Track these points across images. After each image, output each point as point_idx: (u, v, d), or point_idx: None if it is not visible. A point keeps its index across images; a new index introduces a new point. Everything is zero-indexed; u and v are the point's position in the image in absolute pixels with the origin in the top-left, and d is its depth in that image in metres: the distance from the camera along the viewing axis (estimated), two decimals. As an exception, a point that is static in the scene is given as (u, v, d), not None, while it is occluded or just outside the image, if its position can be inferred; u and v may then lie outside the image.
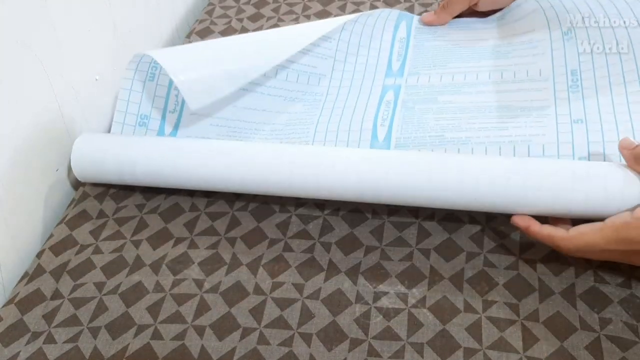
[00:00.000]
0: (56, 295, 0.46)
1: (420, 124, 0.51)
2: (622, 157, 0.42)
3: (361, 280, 0.44)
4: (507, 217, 0.44)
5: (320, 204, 0.50)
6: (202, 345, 0.41)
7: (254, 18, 0.72)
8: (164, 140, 0.51)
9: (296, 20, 0.71)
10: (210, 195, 0.52)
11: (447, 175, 0.43)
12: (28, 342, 0.43)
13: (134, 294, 0.45)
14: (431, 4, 0.71)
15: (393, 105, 0.53)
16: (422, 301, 0.43)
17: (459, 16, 0.64)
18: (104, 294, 0.45)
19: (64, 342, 0.42)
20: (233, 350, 0.41)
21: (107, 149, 0.51)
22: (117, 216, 0.51)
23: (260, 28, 0.70)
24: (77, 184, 0.56)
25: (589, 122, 0.47)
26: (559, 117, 0.48)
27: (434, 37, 0.60)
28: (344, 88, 0.57)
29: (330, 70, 0.57)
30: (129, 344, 0.42)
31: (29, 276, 0.47)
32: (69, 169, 0.56)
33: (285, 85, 0.56)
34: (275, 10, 0.73)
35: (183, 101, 0.54)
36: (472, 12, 0.64)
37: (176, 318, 0.43)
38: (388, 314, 0.42)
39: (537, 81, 0.52)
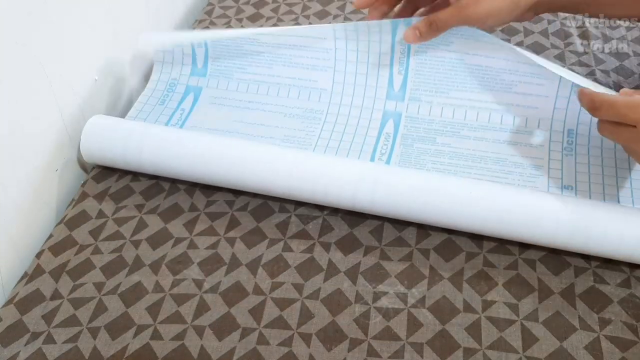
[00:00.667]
0: (56, 295, 0.46)
1: (418, 164, 0.52)
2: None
3: (361, 280, 0.44)
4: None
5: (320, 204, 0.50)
6: (202, 345, 0.41)
7: (254, 18, 0.72)
8: (173, 129, 0.53)
9: (296, 20, 0.71)
10: (210, 195, 0.52)
11: (444, 199, 0.45)
12: (27, 343, 0.43)
13: (133, 294, 0.45)
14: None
15: (392, 138, 0.54)
16: (421, 301, 0.43)
17: None
18: (104, 294, 0.45)
19: (63, 343, 0.42)
20: (233, 350, 0.41)
21: (117, 131, 0.52)
22: (117, 216, 0.51)
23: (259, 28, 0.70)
24: (76, 184, 0.56)
25: (579, 191, 0.49)
26: (550, 181, 0.50)
27: (436, 43, 0.56)
28: (345, 107, 0.57)
29: (330, 82, 0.57)
30: (128, 344, 0.42)
31: (29, 276, 0.47)
32: (69, 169, 0.56)
33: (286, 102, 0.58)
34: (275, 10, 0.73)
35: (192, 106, 0.58)
36: None
37: (176, 318, 0.43)
38: (388, 314, 0.42)
39: (534, 135, 0.52)
